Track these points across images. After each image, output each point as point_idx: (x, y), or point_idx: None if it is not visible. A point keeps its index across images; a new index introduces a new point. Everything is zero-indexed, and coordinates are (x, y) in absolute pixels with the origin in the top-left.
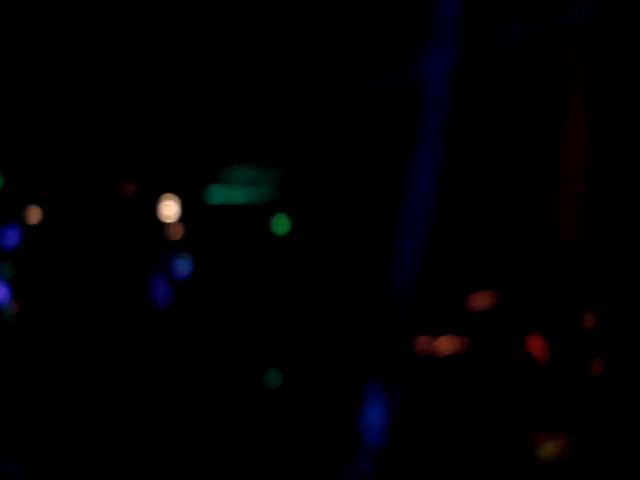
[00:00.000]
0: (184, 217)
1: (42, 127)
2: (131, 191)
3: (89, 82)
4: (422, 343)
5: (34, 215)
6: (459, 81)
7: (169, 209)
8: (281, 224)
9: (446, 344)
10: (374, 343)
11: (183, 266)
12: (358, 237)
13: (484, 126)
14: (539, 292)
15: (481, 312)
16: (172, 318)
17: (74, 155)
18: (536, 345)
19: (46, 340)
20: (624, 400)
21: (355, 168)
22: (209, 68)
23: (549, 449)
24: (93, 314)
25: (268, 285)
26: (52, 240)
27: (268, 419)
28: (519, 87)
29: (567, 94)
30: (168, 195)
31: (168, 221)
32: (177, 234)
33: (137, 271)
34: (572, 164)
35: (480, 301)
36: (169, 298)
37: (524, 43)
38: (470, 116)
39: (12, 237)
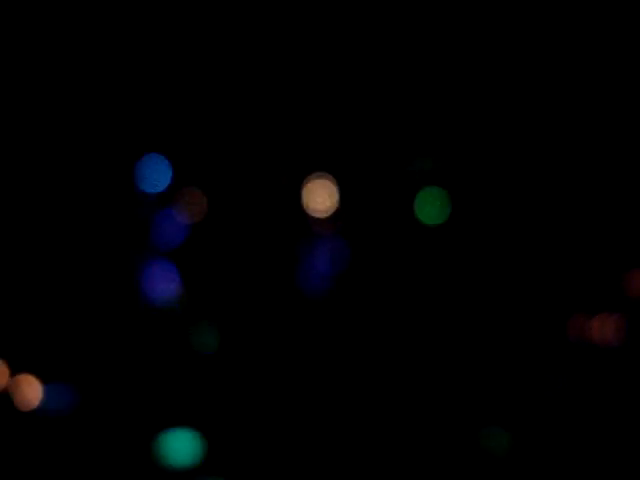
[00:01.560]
0: (340, 209)
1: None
2: (286, 182)
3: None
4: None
5: (199, 211)
6: None
7: (324, 201)
8: (434, 212)
9: (601, 327)
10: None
11: (337, 260)
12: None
13: None
14: None
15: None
16: (326, 314)
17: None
18: None
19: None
20: None
21: None
22: None
23: None
24: (252, 308)
25: (432, 285)
26: (214, 236)
27: None
28: None
29: None
30: (322, 186)
31: (321, 215)
32: (331, 227)
33: (292, 264)
34: None
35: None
36: (323, 292)
37: None
38: None
39: (178, 233)
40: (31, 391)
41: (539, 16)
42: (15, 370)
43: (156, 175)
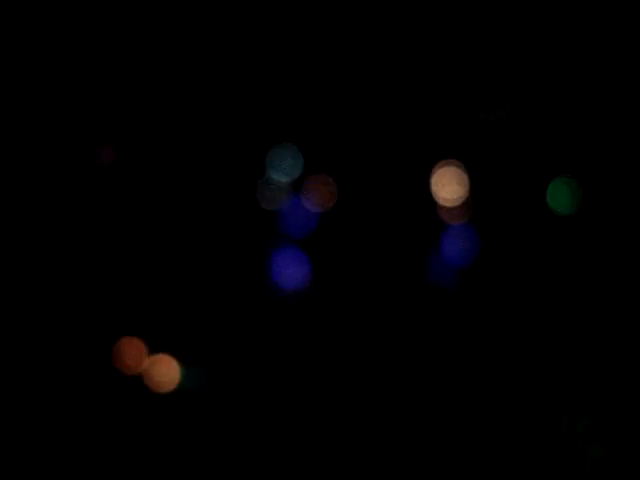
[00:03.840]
0: (469, 198)
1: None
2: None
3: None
4: None
5: (328, 200)
6: None
7: (452, 189)
8: (565, 199)
9: None
10: None
11: (466, 251)
12: None
13: None
14: None
15: None
16: (454, 305)
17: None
18: None
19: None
20: None
21: None
22: None
23: None
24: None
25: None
26: (343, 224)
27: None
28: None
29: None
30: (450, 173)
31: (451, 203)
32: (459, 216)
33: (418, 255)
34: None
35: None
36: (451, 284)
37: None
38: None
39: (308, 222)
40: (168, 373)
41: None
42: (152, 351)
43: (287, 164)
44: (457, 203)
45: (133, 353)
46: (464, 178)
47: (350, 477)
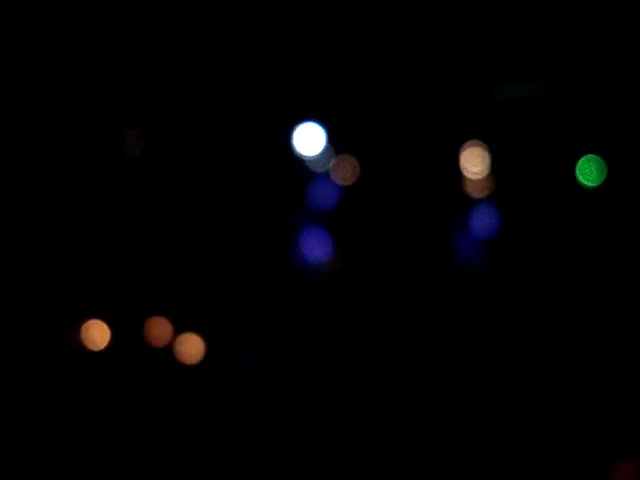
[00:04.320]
0: (492, 171)
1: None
2: (437, 146)
3: None
4: None
5: (350, 173)
6: None
7: (476, 163)
8: (591, 171)
9: None
10: None
11: (489, 225)
12: None
13: None
14: None
15: None
16: (474, 277)
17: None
18: None
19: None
20: None
21: None
22: None
23: None
24: (402, 269)
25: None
26: (365, 198)
27: None
28: None
29: None
30: (474, 147)
31: (474, 176)
32: (484, 190)
33: (442, 229)
34: None
35: None
36: (474, 257)
37: None
38: None
39: (331, 195)
40: (194, 348)
41: None
42: (179, 329)
43: (311, 139)
44: (481, 176)
45: (161, 330)
46: (487, 153)
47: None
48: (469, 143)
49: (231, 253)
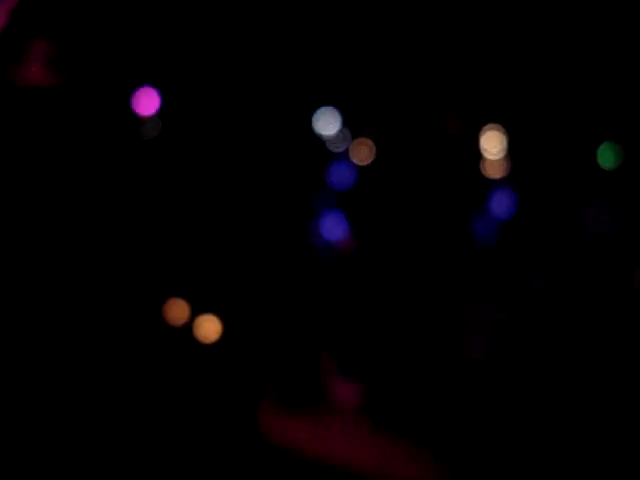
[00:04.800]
0: (510, 152)
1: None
2: (455, 126)
3: None
4: None
5: (365, 153)
6: None
7: (494, 144)
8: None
9: None
10: None
11: (506, 205)
12: None
13: None
14: None
15: None
16: (493, 258)
17: (397, 91)
18: None
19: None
20: None
21: None
22: None
23: None
24: (419, 247)
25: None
26: (381, 179)
27: None
28: None
29: None
30: (492, 128)
31: (492, 157)
32: (501, 171)
33: (458, 210)
34: None
35: None
36: (491, 238)
37: None
38: None
39: (346, 176)
40: (211, 328)
41: None
42: (196, 310)
43: (328, 121)
44: (500, 156)
45: (179, 310)
46: (505, 135)
47: None
48: (488, 126)
49: (249, 234)
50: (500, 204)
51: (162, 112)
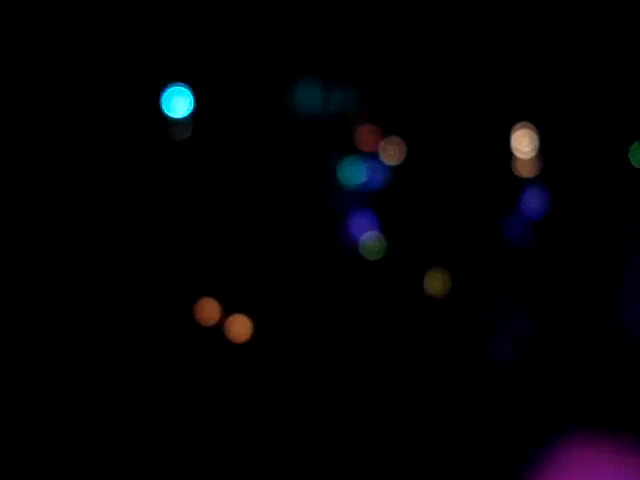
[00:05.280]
0: (541, 151)
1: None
2: (481, 126)
3: None
4: None
5: (396, 153)
6: None
7: (525, 143)
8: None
9: None
10: None
11: (538, 205)
12: None
13: None
14: None
15: None
16: (526, 259)
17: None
18: None
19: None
20: None
21: None
22: None
23: None
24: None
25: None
26: (411, 178)
27: None
28: None
29: None
30: (523, 127)
31: (523, 156)
32: (533, 170)
33: (489, 209)
34: None
35: None
36: (523, 238)
37: None
38: None
39: (377, 175)
40: (242, 328)
41: None
42: (228, 309)
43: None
44: (529, 156)
45: (210, 310)
46: (534, 136)
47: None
48: (519, 125)
49: (280, 233)
50: (531, 203)
51: (195, 114)
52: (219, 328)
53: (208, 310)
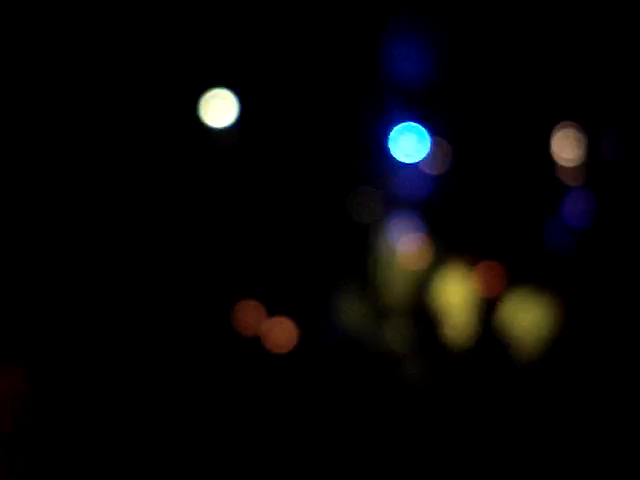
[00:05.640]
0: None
1: None
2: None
3: None
4: None
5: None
6: None
7: (572, 149)
8: None
9: None
10: None
11: (583, 212)
12: None
13: None
14: None
15: None
16: (570, 266)
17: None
18: None
19: None
20: None
21: None
22: None
23: None
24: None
25: None
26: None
27: None
28: None
29: None
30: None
31: (568, 163)
32: (578, 178)
33: (534, 216)
34: None
35: None
36: (567, 245)
37: None
38: None
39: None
40: (286, 334)
41: None
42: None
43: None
44: (576, 164)
45: (252, 315)
46: (582, 139)
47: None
48: (564, 132)
49: (325, 240)
50: (575, 211)
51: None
52: (260, 334)
53: (249, 315)
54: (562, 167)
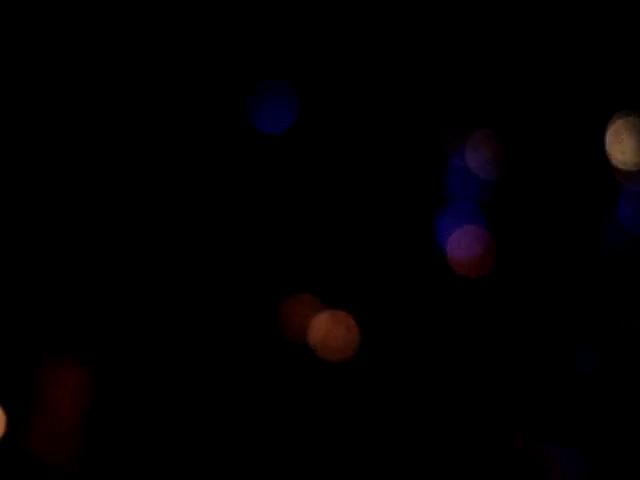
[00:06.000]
0: None
1: None
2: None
3: None
4: None
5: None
6: None
7: (630, 149)
8: None
9: None
10: None
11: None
12: None
13: None
14: None
15: None
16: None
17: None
18: None
19: None
20: None
21: None
22: None
23: None
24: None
25: None
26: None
27: None
28: None
29: None
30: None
31: (627, 166)
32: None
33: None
34: None
35: None
36: (620, 248)
37: None
38: None
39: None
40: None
41: None
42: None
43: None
44: (634, 164)
45: (304, 311)
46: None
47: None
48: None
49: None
50: (631, 212)
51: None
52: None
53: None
54: (617, 169)
